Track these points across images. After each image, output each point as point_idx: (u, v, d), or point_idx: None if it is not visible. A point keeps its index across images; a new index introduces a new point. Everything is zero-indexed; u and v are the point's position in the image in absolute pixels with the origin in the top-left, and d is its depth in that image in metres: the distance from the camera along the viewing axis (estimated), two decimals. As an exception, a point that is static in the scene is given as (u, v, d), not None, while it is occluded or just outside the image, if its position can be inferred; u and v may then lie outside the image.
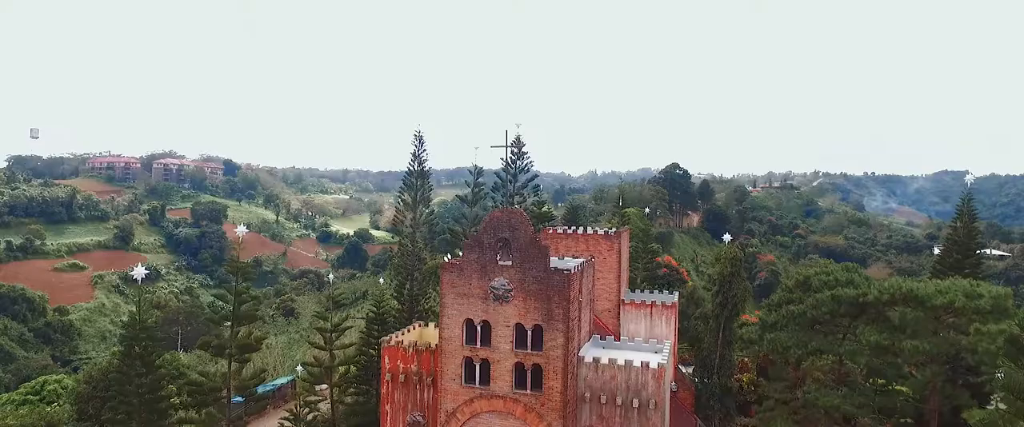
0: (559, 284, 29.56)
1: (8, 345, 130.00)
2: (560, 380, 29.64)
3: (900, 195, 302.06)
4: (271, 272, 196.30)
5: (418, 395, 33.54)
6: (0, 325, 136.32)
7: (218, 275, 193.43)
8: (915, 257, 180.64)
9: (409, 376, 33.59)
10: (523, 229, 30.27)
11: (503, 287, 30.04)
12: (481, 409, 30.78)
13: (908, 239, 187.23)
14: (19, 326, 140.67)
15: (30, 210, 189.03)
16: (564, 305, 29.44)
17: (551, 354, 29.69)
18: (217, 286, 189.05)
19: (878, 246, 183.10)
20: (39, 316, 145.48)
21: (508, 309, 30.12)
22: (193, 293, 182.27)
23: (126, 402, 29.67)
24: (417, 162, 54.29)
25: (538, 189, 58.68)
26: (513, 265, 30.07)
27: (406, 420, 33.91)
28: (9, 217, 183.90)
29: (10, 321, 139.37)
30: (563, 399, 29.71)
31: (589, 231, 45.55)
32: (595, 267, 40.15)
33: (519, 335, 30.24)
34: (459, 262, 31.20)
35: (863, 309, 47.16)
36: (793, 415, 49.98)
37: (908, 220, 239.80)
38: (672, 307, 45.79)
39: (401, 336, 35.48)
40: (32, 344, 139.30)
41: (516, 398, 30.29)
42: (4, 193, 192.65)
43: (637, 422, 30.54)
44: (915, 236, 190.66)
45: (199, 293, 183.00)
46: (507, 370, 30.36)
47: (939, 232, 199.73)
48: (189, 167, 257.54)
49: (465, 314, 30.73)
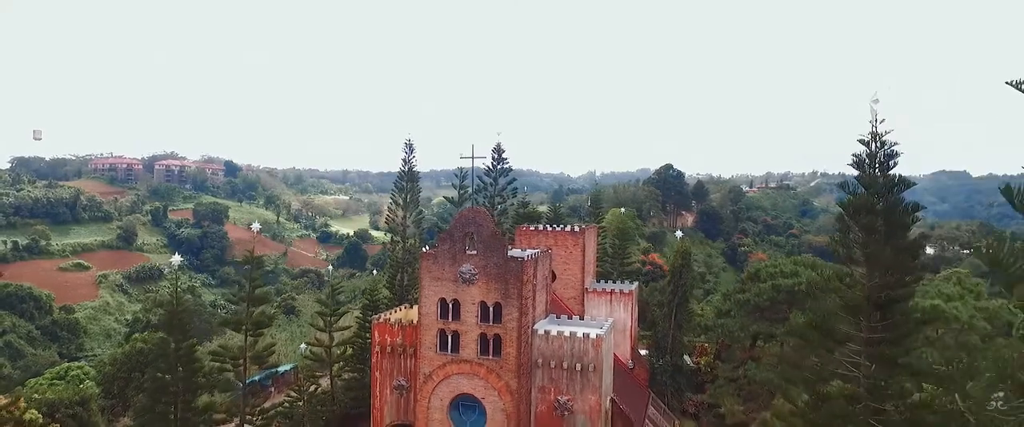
0: (515, 269, 37.48)
1: (17, 342, 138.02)
2: (516, 347, 37.55)
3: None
4: (272, 271, 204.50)
5: (402, 363, 41.47)
6: (9, 323, 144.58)
7: (220, 275, 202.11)
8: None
9: (395, 348, 41.55)
10: (486, 225, 38.24)
11: (469, 272, 37.99)
12: (452, 372, 38.74)
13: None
14: (27, 324, 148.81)
15: (35, 211, 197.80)
16: (518, 286, 37.36)
17: (508, 326, 37.61)
18: (219, 286, 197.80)
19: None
20: (46, 314, 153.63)
21: (473, 290, 38.06)
22: (195, 292, 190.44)
23: (166, 363, 37.64)
24: (407, 167, 62.37)
25: (516, 191, 66.47)
26: (477, 254, 38.01)
27: (392, 384, 41.86)
28: (15, 218, 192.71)
29: (18, 319, 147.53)
30: (518, 363, 37.62)
31: (557, 229, 53.59)
32: (553, 258, 48.03)
33: (482, 311, 38.17)
34: (434, 251, 39.17)
35: (797, 297, 55.40)
36: (739, 391, 58.36)
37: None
38: (630, 295, 53.64)
39: (389, 315, 43.48)
40: (40, 341, 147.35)
41: (480, 362, 38.21)
42: (9, 194, 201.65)
43: (580, 382, 38.46)
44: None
45: (201, 292, 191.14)
46: (473, 340, 38.30)
47: (932, 231, 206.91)
48: (190, 168, 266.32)
49: (439, 294, 38.69)
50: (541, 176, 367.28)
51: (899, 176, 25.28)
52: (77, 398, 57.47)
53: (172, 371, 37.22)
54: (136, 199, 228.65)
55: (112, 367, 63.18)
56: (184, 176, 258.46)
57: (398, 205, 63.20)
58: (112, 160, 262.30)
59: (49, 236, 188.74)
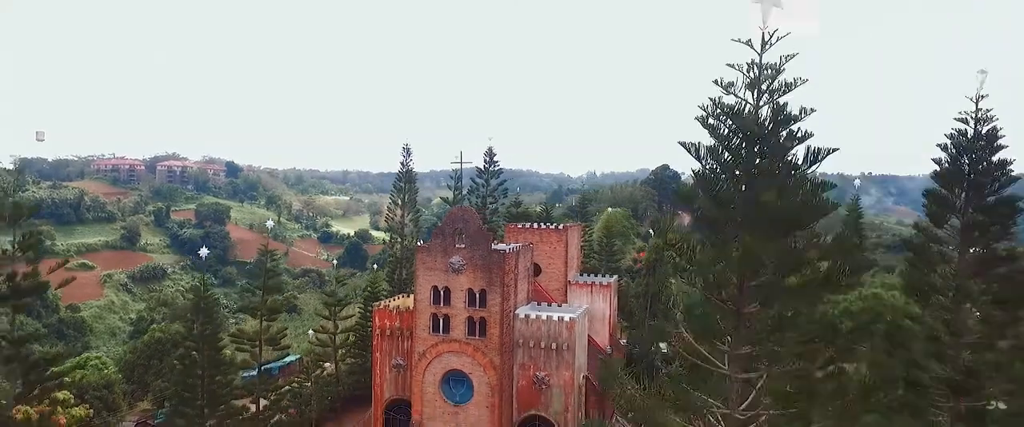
0: (498, 260, 43.77)
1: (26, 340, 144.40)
2: (499, 328, 43.84)
3: (897, 195, 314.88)
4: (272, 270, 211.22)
5: (400, 344, 47.80)
6: (18, 321, 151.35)
7: (223, 274, 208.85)
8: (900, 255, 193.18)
9: (393, 330, 47.89)
10: (472, 222, 44.58)
11: (458, 262, 44.29)
12: (444, 350, 45.09)
13: (895, 238, 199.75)
14: (34, 322, 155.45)
15: (40, 212, 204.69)
16: (501, 275, 43.65)
17: (492, 310, 43.90)
18: (222, 285, 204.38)
19: (867, 245, 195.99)
20: (53, 313, 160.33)
21: (462, 278, 44.36)
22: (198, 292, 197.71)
23: (194, 345, 44.08)
24: (405, 170, 68.86)
25: (507, 192, 72.80)
26: (466, 247, 44.32)
27: (391, 363, 48.18)
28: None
29: (26, 317, 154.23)
30: (501, 342, 43.90)
31: (543, 226, 59.87)
32: (539, 253, 54.37)
33: (470, 297, 44.47)
34: (428, 245, 45.52)
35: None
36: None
37: (899, 219, 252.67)
38: (609, 287, 59.88)
39: (388, 302, 49.84)
40: (47, 339, 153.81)
41: (468, 342, 44.53)
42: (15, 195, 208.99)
43: (556, 360, 44.80)
44: (902, 235, 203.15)
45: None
46: (462, 322, 44.61)
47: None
48: (192, 169, 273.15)
49: (432, 282, 45.00)
50: (541, 176, 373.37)
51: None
52: (103, 382, 64.05)
53: (199, 350, 43.63)
54: (139, 200, 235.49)
55: (132, 355, 69.63)
56: (186, 177, 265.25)
57: (397, 205, 69.70)
58: (115, 161, 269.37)
59: (54, 236, 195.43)
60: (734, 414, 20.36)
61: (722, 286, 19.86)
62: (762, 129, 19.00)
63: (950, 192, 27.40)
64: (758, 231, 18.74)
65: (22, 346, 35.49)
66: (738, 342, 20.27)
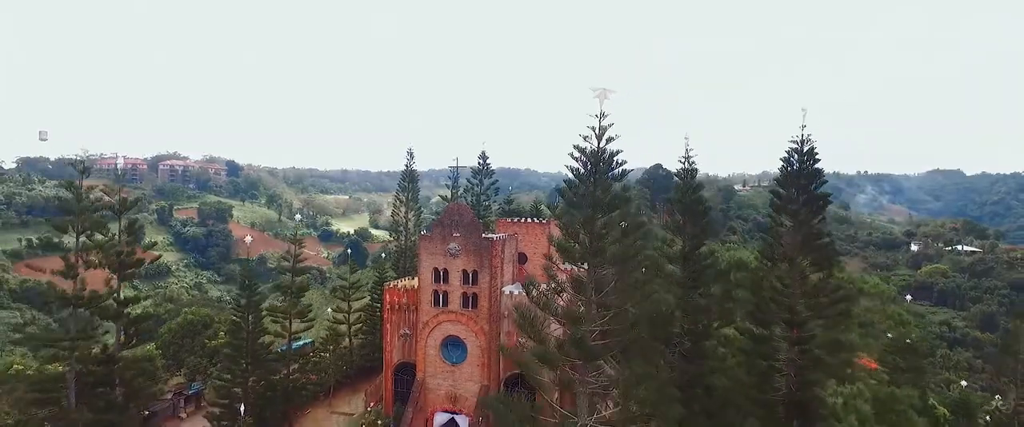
0: (487, 247, 55.66)
1: (37, 334, 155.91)
2: (487, 302, 55.73)
3: (891, 193, 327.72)
4: (274, 269, 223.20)
5: (406, 317, 59.72)
6: (29, 316, 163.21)
7: (225, 272, 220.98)
8: (892, 252, 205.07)
9: (401, 305, 59.82)
10: (466, 215, 56.51)
11: (455, 248, 56.18)
12: (443, 320, 56.99)
13: (887, 236, 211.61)
14: (45, 317, 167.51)
15: (47, 210, 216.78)
16: (490, 259, 55.54)
17: (482, 287, 55.79)
18: (224, 282, 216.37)
19: (857, 242, 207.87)
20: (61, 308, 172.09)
21: (458, 261, 56.25)
22: (202, 288, 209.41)
23: (241, 314, 56.06)
24: (408, 171, 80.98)
25: (498, 191, 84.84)
26: (461, 235, 56.20)
27: (399, 333, 60.09)
28: (28, 217, 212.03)
29: (37, 312, 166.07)
30: (489, 313, 55.82)
31: (529, 221, 71.73)
32: (524, 243, 66.29)
33: (464, 276, 56.34)
34: (430, 234, 57.45)
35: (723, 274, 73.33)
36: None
37: (890, 217, 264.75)
38: (586, 273, 71.75)
39: (397, 283, 61.82)
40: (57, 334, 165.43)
41: (463, 313, 56.41)
42: (22, 194, 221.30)
43: (534, 328, 56.60)
44: (894, 233, 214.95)
45: (207, 288, 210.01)
46: (458, 297, 56.51)
47: (917, 229, 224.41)
48: (194, 168, 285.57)
49: (433, 264, 56.91)
50: (540, 175, 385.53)
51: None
52: (144, 356, 75.98)
53: (244, 318, 55.66)
54: (142, 198, 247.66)
55: (168, 334, 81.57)
56: (188, 176, 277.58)
57: (401, 203, 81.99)
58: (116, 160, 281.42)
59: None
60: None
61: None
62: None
63: (787, 189, 40.07)
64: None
65: (126, 306, 47.23)
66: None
